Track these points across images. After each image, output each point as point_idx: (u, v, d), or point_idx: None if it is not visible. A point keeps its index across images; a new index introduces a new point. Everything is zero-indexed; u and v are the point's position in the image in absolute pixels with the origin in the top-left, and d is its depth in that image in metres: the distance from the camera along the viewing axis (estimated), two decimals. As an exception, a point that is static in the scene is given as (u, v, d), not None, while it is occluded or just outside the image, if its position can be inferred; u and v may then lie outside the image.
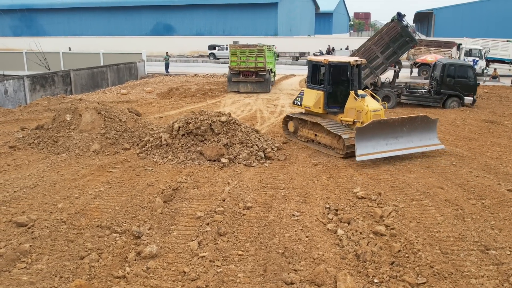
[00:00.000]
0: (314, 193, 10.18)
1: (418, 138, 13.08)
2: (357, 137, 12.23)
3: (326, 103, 14.14)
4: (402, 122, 12.87)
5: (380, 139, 12.55)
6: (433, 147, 13.32)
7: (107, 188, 10.53)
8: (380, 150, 12.49)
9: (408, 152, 12.88)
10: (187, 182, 10.84)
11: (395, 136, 12.77)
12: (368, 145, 12.34)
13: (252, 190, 10.39)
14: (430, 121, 13.38)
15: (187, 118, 13.45)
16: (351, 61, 13.76)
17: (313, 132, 14.45)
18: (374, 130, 12.41)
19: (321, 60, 14.16)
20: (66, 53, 37.47)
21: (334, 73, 14.07)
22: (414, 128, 13.04)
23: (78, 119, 14.67)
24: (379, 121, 12.60)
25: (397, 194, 10.19)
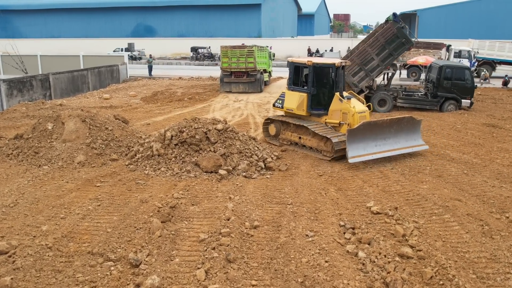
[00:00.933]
0: (324, 209, 9.36)
1: (404, 139, 13.19)
2: (348, 139, 12.16)
3: (310, 105, 13.98)
4: (390, 123, 12.96)
5: (370, 141, 12.58)
6: (419, 148, 13.46)
7: (96, 206, 9.53)
8: (370, 152, 12.51)
9: (395, 153, 12.96)
10: (185, 197, 9.91)
11: (384, 137, 12.85)
12: (359, 147, 12.34)
13: (256, 206, 9.51)
14: (415, 122, 13.48)
15: (180, 126, 12.50)
16: (336, 63, 13.63)
17: (297, 135, 14.16)
18: (364, 131, 12.42)
19: (304, 62, 13.97)
20: (44, 56, 35.93)
21: (318, 75, 13.95)
22: (400, 129, 13.15)
23: (60, 127, 13.58)
24: (369, 122, 12.67)
25: (414, 208, 9.44)
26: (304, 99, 13.97)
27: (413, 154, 13.44)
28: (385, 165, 12.44)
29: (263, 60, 28.70)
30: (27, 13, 68.96)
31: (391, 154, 12.87)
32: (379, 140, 12.76)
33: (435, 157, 13.17)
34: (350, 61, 19.88)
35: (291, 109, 14.37)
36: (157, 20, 65.32)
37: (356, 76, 19.80)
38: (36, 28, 68.18)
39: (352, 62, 19.86)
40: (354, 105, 13.35)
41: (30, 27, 68.65)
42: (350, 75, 19.78)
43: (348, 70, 19.77)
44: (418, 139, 13.59)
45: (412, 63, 29.63)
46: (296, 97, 14.18)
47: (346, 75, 19.67)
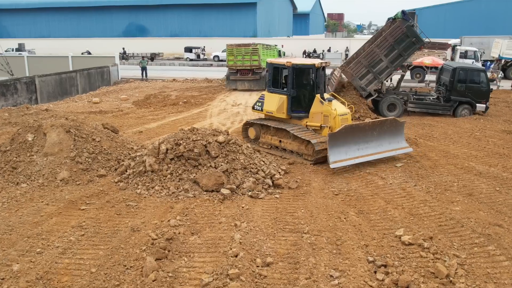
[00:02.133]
0: (347, 238, 8.01)
1: (387, 141, 12.80)
2: (329, 144, 11.73)
3: (290, 108, 13.50)
4: (372, 126, 12.58)
5: (352, 144, 12.17)
6: (402, 151, 13.01)
7: (80, 236, 8.13)
8: (352, 156, 12.10)
9: (379, 157, 12.57)
10: (183, 224, 8.53)
11: (366, 141, 12.43)
12: (341, 151, 11.91)
13: (267, 235, 8.14)
14: (398, 124, 13.10)
15: (176, 138, 11.11)
16: (316, 64, 13.20)
17: (277, 138, 13.67)
18: (346, 135, 12.01)
19: (283, 63, 13.46)
20: (31, 57, 34.37)
21: (298, 76, 13.48)
22: (383, 131, 12.74)
23: (42, 139, 12.14)
24: (351, 125, 12.30)
25: (450, 237, 8.12)
26: (284, 101, 13.47)
27: (434, 167, 12.16)
28: (407, 181, 11.12)
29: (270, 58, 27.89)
30: (15, 12, 67.04)
31: (374, 158, 12.45)
32: (361, 144, 12.31)
33: (460, 171, 11.87)
34: (357, 63, 18.60)
35: (270, 111, 13.86)
36: (150, 19, 63.68)
37: (363, 79, 18.48)
38: (24, 27, 66.32)
39: (359, 64, 18.56)
40: (336, 107, 12.87)
41: (19, 27, 66.74)
42: (357, 78, 18.47)
43: (355, 73, 18.48)
44: (402, 141, 13.13)
45: (418, 64, 28.36)
46: (276, 99, 13.65)
47: (353, 79, 18.48)
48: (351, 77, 18.57)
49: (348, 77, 18.68)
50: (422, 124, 17.51)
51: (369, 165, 12.36)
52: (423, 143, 14.59)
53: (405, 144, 13.17)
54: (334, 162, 11.66)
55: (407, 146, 13.17)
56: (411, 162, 12.59)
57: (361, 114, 17.83)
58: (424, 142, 14.79)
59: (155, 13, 63.11)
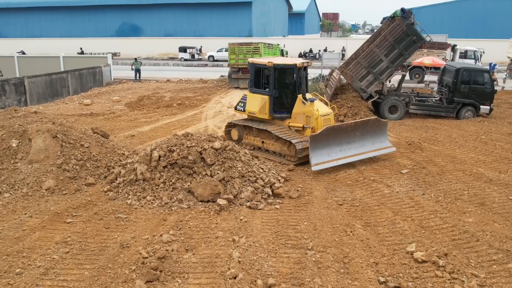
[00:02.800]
0: (355, 255, 7.38)
1: (370, 142, 12.69)
2: (311, 145, 11.56)
3: (272, 108, 13.37)
4: (354, 126, 12.45)
5: (334, 146, 12.04)
6: (386, 150, 12.93)
7: (64, 254, 7.46)
8: (335, 158, 11.95)
9: (362, 157, 12.47)
10: (177, 240, 7.87)
11: (349, 142, 12.33)
12: (323, 153, 11.76)
13: (268, 252, 7.50)
14: (381, 124, 13.01)
15: (169, 144, 10.45)
16: (298, 63, 13.03)
17: (260, 139, 13.60)
18: (328, 136, 11.87)
19: (265, 63, 13.29)
20: (22, 57, 33.53)
21: (280, 77, 13.43)
22: (366, 132, 12.63)
23: (27, 145, 11.44)
24: (333, 127, 12.17)
25: (466, 253, 7.51)
26: (266, 102, 13.35)
27: (442, 174, 11.55)
28: (414, 189, 10.50)
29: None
30: (7, 11, 65.91)
31: (357, 159, 12.36)
32: (344, 145, 12.21)
33: (469, 178, 11.27)
34: (357, 64, 17.98)
35: (253, 112, 13.73)
36: (144, 19, 62.79)
37: (364, 80, 17.86)
38: (16, 27, 65.26)
39: (358, 65, 17.93)
40: (318, 107, 12.73)
41: (10, 27, 65.65)
42: (357, 80, 17.85)
43: (355, 74, 17.86)
44: (385, 141, 13.05)
45: (417, 64, 27.78)
46: (258, 100, 13.51)
47: (353, 80, 17.86)
48: (350, 79, 17.95)
49: (348, 79, 18.06)
50: (425, 127, 16.91)
51: (373, 172, 11.77)
52: (428, 148, 14.00)
53: (388, 144, 13.08)
54: (316, 165, 11.50)
55: (391, 146, 13.07)
56: (417, 168, 11.98)
57: (361, 116, 17.20)
58: (429, 146, 14.19)
59: (149, 12, 62.26)
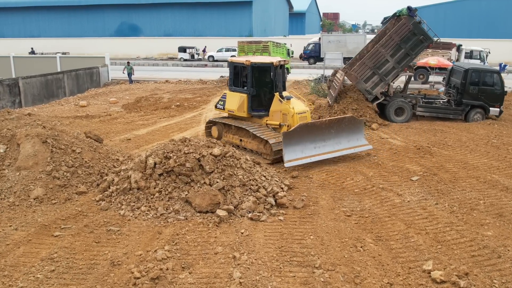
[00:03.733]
0: (367, 275, 6.74)
1: (346, 139, 12.74)
2: (284, 142, 11.69)
3: (251, 106, 13.50)
4: (329, 124, 12.52)
5: (308, 143, 12.14)
6: (362, 148, 13.01)
7: (49, 273, 6.83)
8: (309, 154, 12.04)
9: (337, 155, 12.55)
10: (172, 257, 7.23)
11: (323, 139, 12.39)
12: (297, 150, 11.87)
13: (272, 270, 6.86)
14: (357, 122, 13.09)
15: (166, 150, 9.81)
16: (274, 62, 13.22)
17: (238, 137, 13.72)
18: (301, 133, 11.97)
19: (242, 61, 13.45)
20: (18, 57, 32.87)
21: (257, 75, 13.52)
22: (341, 129, 12.68)
23: (15, 151, 10.82)
24: (306, 124, 12.25)
25: (488, 271, 6.88)
26: (245, 100, 13.47)
27: (455, 181, 10.91)
28: (427, 198, 9.86)
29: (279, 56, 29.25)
30: (4, 11, 65.24)
31: (332, 156, 12.45)
32: (318, 142, 12.29)
33: (484, 186, 10.63)
34: (361, 65, 17.34)
35: (232, 110, 13.88)
36: (143, 18, 62.11)
37: (369, 81, 17.20)
38: (14, 27, 64.59)
39: (363, 66, 17.28)
40: (294, 105, 12.88)
41: (8, 26, 64.96)
42: (362, 81, 17.19)
43: (360, 75, 17.21)
44: (361, 139, 13.08)
45: (422, 64, 27.11)
46: (237, 98, 13.66)
47: (357, 82, 17.23)
48: (355, 80, 17.31)
49: (352, 80, 17.41)
50: (433, 130, 16.26)
51: (381, 179, 11.13)
52: (438, 152, 13.35)
53: (364, 141, 13.13)
54: (288, 161, 11.57)
55: (367, 144, 13.14)
56: (428, 174, 11.34)
57: (367, 119, 16.57)
58: (439, 151, 13.55)
59: (148, 12, 61.61)
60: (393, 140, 15.00)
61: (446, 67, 25.40)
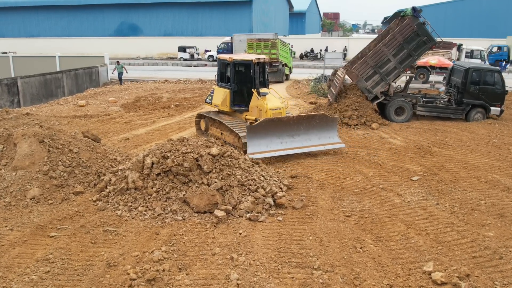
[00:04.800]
0: (367, 276, 6.64)
1: (316, 136, 13.00)
2: (248, 136, 12.16)
3: (232, 102, 14.09)
4: (297, 120, 12.82)
5: (274, 138, 12.47)
6: (333, 146, 13.20)
7: (44, 274, 6.73)
8: (274, 149, 12.37)
9: (306, 151, 12.80)
10: (169, 257, 7.13)
11: (291, 135, 12.71)
12: (261, 143, 12.22)
13: (270, 271, 6.76)
14: (330, 120, 13.22)
15: (163, 150, 9.71)
16: (253, 59, 13.61)
17: (220, 131, 14.27)
18: (267, 128, 12.33)
19: (227, 58, 14.11)
20: (17, 57, 32.77)
21: (239, 72, 14.09)
22: (312, 126, 12.93)
23: (12, 150, 10.72)
24: (272, 119, 12.56)
25: (489, 273, 6.78)
26: (227, 95, 14.08)
27: (455, 181, 10.81)
28: (427, 198, 9.76)
29: (285, 54, 30.87)
30: (4, 10, 65.11)
31: (300, 152, 12.71)
32: (285, 137, 12.61)
33: (485, 186, 10.53)
34: (363, 63, 17.24)
35: (217, 105, 14.54)
36: (142, 18, 61.96)
37: (369, 80, 17.10)
38: (13, 27, 64.46)
39: (365, 64, 17.18)
40: (268, 101, 13.32)
41: (7, 26, 64.82)
42: (363, 79, 17.09)
43: (361, 73, 17.11)
44: (334, 137, 13.28)
45: (423, 64, 27.00)
46: (222, 93, 14.32)
47: (358, 80, 17.13)
48: (356, 78, 17.20)
49: (353, 78, 17.31)
50: (434, 129, 16.15)
51: (381, 178, 11.03)
52: (438, 152, 13.25)
53: (337, 140, 13.32)
54: (251, 154, 11.81)
55: (340, 142, 13.33)
56: (429, 174, 11.23)
57: (366, 119, 16.47)
58: (439, 150, 13.44)
59: (148, 11, 61.46)
60: (393, 139, 14.90)
61: (447, 66, 25.33)
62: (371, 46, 18.39)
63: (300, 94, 25.43)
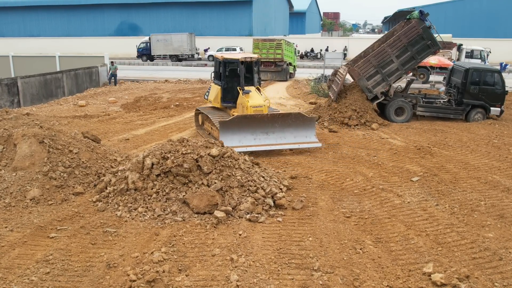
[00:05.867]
0: (366, 277, 6.64)
1: (292, 135, 13.35)
2: (220, 130, 12.75)
3: (223, 98, 14.69)
4: (272, 118, 13.20)
5: (248, 134, 12.98)
6: (309, 145, 13.44)
7: (44, 275, 6.73)
8: (247, 144, 12.81)
9: (280, 148, 13.20)
10: (169, 259, 7.13)
11: (265, 132, 13.16)
12: (234, 138, 12.64)
13: (270, 273, 6.76)
14: (307, 119, 13.53)
15: (163, 151, 9.71)
16: (240, 58, 14.15)
17: (210, 126, 14.76)
18: (240, 124, 12.87)
19: (219, 57, 14.73)
20: (17, 57, 32.77)
21: (229, 69, 14.61)
22: (287, 125, 13.32)
23: (12, 151, 10.71)
24: (245, 116, 13.17)
25: (489, 274, 6.78)
26: (219, 92, 14.68)
27: (455, 182, 10.82)
28: (427, 199, 9.77)
29: (289, 54, 31.78)
30: (4, 10, 65.15)
31: (274, 148, 13.12)
32: (259, 134, 13.09)
33: (485, 186, 10.54)
34: (366, 62, 17.22)
35: (211, 101, 15.34)
36: (142, 17, 61.96)
37: (371, 79, 17.07)
38: (13, 26, 64.46)
39: (367, 63, 17.16)
40: (250, 99, 13.74)
41: (7, 26, 64.85)
42: (365, 78, 17.07)
43: (363, 72, 17.09)
44: (311, 136, 13.52)
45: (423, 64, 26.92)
46: (215, 90, 14.99)
47: (360, 78, 17.13)
48: (357, 76, 17.18)
49: (355, 76, 17.30)
50: (434, 130, 16.16)
51: (381, 179, 11.04)
52: (438, 152, 13.25)
53: (314, 139, 13.58)
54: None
55: (316, 141, 13.57)
56: (428, 175, 11.23)
57: (366, 119, 16.46)
58: (439, 151, 13.45)
59: (147, 11, 61.46)
60: (393, 140, 14.90)
61: (447, 66, 25.31)
62: (375, 46, 18.39)
63: (300, 94, 25.43)
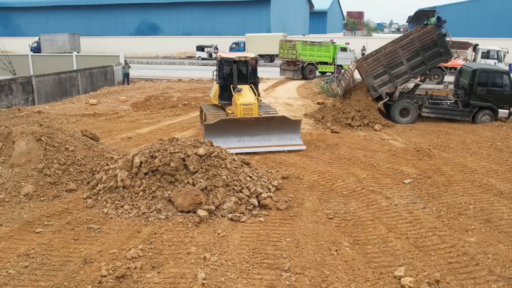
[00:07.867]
0: (335, 279, 6.64)
1: (277, 137, 13.62)
2: (205, 133, 13.14)
3: (220, 96, 15.32)
4: (256, 121, 13.54)
5: (232, 136, 13.33)
6: (294, 147, 13.62)
7: (22, 268, 6.93)
8: (231, 146, 12.74)
9: (265, 150, 13.34)
10: (144, 256, 7.25)
11: (250, 134, 13.51)
12: (218, 141, 12.57)
13: (240, 272, 6.81)
14: (292, 122, 13.81)
15: (152, 150, 9.86)
16: (235, 57, 14.68)
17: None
18: (224, 127, 13.29)
19: (218, 56, 15.47)
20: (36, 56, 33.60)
21: (225, 68, 15.17)
22: (272, 128, 13.60)
23: (10, 148, 11.02)
24: (229, 119, 13.65)
25: (461, 279, 6.68)
26: (217, 90, 15.37)
27: (448, 185, 10.66)
28: (415, 201, 9.66)
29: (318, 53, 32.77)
30: (29, 10, 66.81)
31: (259, 151, 13.28)
32: (244, 136, 13.45)
33: (478, 190, 10.35)
34: (376, 60, 17.08)
35: (211, 98, 16.20)
36: (162, 17, 62.64)
37: (378, 78, 16.89)
38: (37, 26, 65.89)
39: (377, 62, 17.00)
40: (240, 97, 14.19)
41: (32, 25, 66.43)
42: (372, 76, 16.91)
43: (371, 70, 16.94)
44: (296, 138, 13.81)
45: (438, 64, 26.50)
46: (215, 88, 15.69)
47: (367, 76, 17.01)
48: (365, 73, 17.06)
49: (363, 72, 17.18)
50: (438, 131, 15.91)
51: (373, 181, 10.95)
52: (437, 155, 13.06)
53: (299, 141, 13.84)
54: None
55: (301, 144, 13.81)
56: (422, 178, 11.09)
57: (370, 120, 16.34)
58: (439, 153, 13.25)
59: (167, 11, 62.11)
60: (394, 141, 14.75)
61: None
62: (388, 46, 18.24)
63: (309, 94, 25.35)
